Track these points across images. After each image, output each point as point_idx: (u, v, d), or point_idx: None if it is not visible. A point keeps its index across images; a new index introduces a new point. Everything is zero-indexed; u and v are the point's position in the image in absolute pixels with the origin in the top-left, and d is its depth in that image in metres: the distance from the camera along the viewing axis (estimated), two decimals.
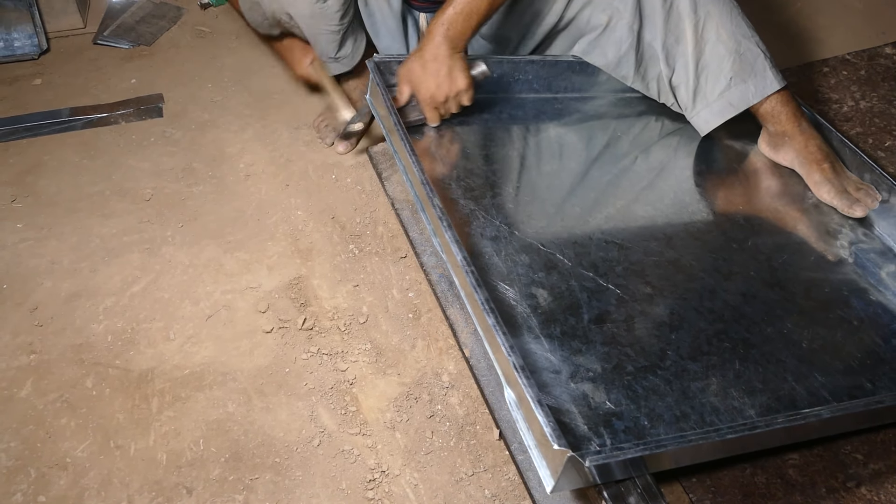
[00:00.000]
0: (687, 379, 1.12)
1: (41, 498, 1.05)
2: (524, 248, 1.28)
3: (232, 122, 1.69)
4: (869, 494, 1.09)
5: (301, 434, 1.15)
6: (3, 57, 1.81)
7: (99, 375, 1.20)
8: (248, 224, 1.46)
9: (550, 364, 1.11)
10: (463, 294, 1.12)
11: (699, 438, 0.95)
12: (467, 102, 1.45)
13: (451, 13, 1.35)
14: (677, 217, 1.41)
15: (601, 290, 1.23)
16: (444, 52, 1.36)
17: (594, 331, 1.17)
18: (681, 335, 1.19)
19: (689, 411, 1.08)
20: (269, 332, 1.27)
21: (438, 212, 1.16)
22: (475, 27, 1.37)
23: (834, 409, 1.04)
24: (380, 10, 1.55)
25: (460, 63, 1.39)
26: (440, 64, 1.37)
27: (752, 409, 1.10)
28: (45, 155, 1.57)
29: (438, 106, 1.43)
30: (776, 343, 1.21)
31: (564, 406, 1.05)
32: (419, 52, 1.38)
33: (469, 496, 1.09)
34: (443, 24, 1.35)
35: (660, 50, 1.47)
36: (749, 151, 1.59)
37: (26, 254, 1.37)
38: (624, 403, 1.07)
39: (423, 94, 1.41)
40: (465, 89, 1.42)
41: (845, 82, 1.92)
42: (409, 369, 1.24)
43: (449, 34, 1.35)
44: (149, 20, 1.98)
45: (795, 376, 1.16)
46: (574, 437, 1.02)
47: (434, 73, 1.38)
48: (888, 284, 1.36)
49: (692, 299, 1.25)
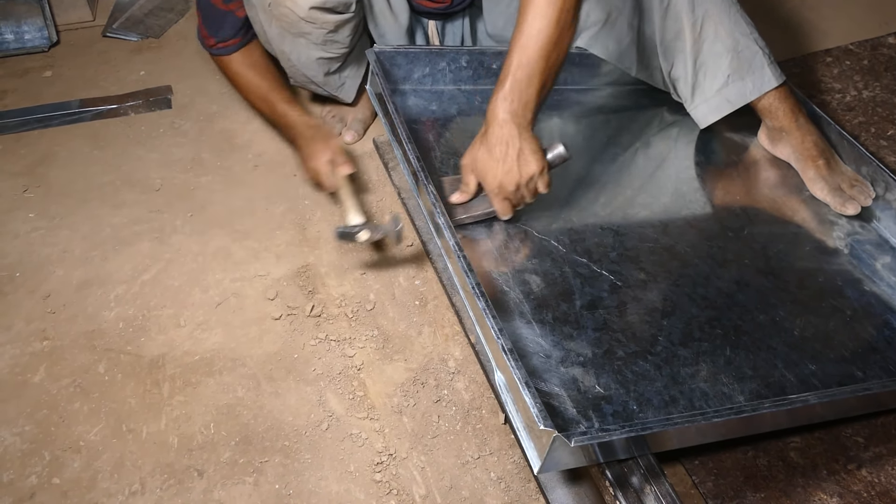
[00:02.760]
0: (677, 364, 1.14)
1: (55, 480, 1.08)
2: (519, 234, 1.29)
3: (240, 113, 1.70)
4: (869, 476, 1.11)
5: (310, 418, 1.16)
6: (14, 49, 1.83)
7: (111, 361, 1.22)
8: (257, 213, 1.48)
9: (541, 348, 1.12)
10: (455, 278, 1.14)
11: (684, 421, 0.97)
12: (543, 190, 1.25)
13: (510, 83, 1.17)
14: (674, 205, 1.42)
15: (594, 276, 1.25)
16: (511, 132, 1.18)
17: (586, 316, 1.18)
18: (673, 321, 1.20)
19: (678, 396, 1.09)
20: (277, 318, 1.29)
21: (432, 198, 1.18)
22: (538, 93, 1.19)
23: (821, 396, 1.05)
24: (384, 18, 1.54)
25: (531, 144, 1.20)
26: (508, 147, 1.19)
27: (742, 395, 1.11)
28: (55, 146, 1.59)
29: (510, 196, 1.24)
30: (768, 330, 1.22)
31: (554, 390, 1.07)
32: (483, 136, 1.22)
33: (475, 479, 1.11)
34: (504, 100, 1.18)
35: (658, 45, 1.48)
36: (748, 144, 1.60)
37: (38, 243, 1.39)
38: (613, 388, 1.09)
39: (490, 184, 1.23)
40: (540, 173, 1.22)
41: (848, 72, 1.93)
42: (415, 355, 1.26)
43: (513, 109, 1.18)
44: (157, 13, 2.00)
45: (786, 363, 1.17)
46: (563, 419, 1.04)
47: (501, 157, 1.19)
48: (883, 276, 1.37)
49: (685, 286, 1.26)
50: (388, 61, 1.51)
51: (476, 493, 1.10)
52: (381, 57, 1.48)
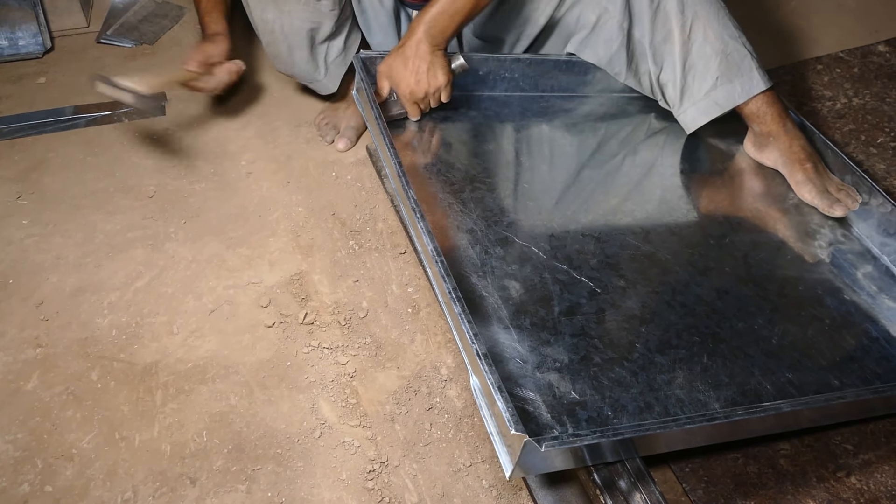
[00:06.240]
0: (653, 371, 1.14)
1: (48, 488, 1.08)
2: (500, 240, 1.30)
3: (233, 120, 1.71)
4: (859, 484, 1.11)
5: (302, 426, 1.17)
6: (8, 56, 1.83)
7: (104, 368, 1.22)
8: (250, 220, 1.48)
9: (518, 354, 1.13)
10: (434, 283, 1.15)
11: (656, 427, 0.98)
12: (446, 99, 1.48)
13: (434, 12, 1.37)
14: (657, 213, 1.43)
15: (574, 283, 1.25)
16: (424, 49, 1.39)
17: (564, 322, 1.19)
18: (651, 328, 1.20)
19: (653, 402, 1.10)
20: (270, 326, 1.30)
21: (412, 202, 1.19)
22: (458, 26, 1.40)
23: (794, 403, 1.06)
24: (372, 7, 1.57)
25: (440, 60, 1.42)
26: (420, 61, 1.40)
27: (717, 402, 1.11)
28: (49, 152, 1.59)
29: (418, 101, 1.46)
30: (746, 338, 1.22)
31: (529, 395, 1.07)
32: (400, 49, 1.41)
33: (467, 486, 1.12)
34: (425, 23, 1.38)
35: (648, 48, 1.49)
36: (734, 152, 1.61)
37: (32, 249, 1.39)
38: (589, 394, 1.09)
39: (402, 90, 1.45)
40: (444, 85, 1.45)
41: (839, 80, 1.94)
42: (408, 363, 1.26)
43: (431, 32, 1.38)
44: (151, 19, 2.00)
45: (763, 371, 1.17)
46: (537, 425, 1.04)
47: (414, 69, 1.41)
48: (863, 285, 1.37)
49: (665, 293, 1.27)
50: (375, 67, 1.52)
51: (468, 500, 1.10)
52: (367, 63, 1.49)
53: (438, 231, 1.29)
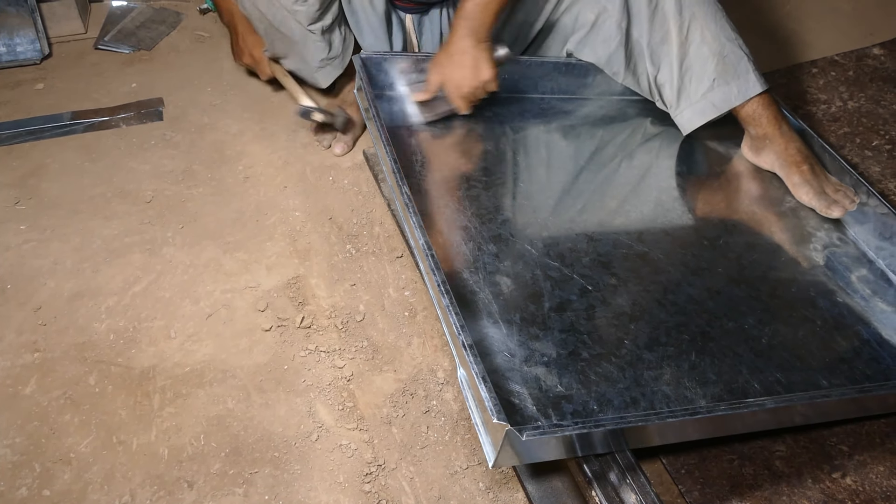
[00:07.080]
0: (641, 367, 1.14)
1: (46, 492, 1.08)
2: (493, 238, 1.31)
3: (231, 125, 1.72)
4: (854, 485, 1.12)
5: (299, 429, 1.17)
6: (6, 62, 1.84)
7: (101, 373, 1.22)
8: (247, 225, 1.49)
9: (506, 348, 1.13)
10: (425, 277, 1.15)
11: (638, 420, 0.98)
12: (494, 89, 1.49)
13: (470, 7, 1.39)
14: (652, 213, 1.43)
15: (565, 280, 1.26)
16: (468, 45, 1.41)
17: (554, 318, 1.19)
18: (640, 325, 1.21)
19: (639, 398, 1.10)
20: (267, 330, 1.30)
21: (406, 198, 1.20)
22: (494, 16, 1.41)
23: (778, 401, 1.06)
24: (363, 10, 1.58)
25: (484, 53, 1.43)
26: (466, 56, 1.42)
27: (704, 399, 1.11)
28: (47, 158, 1.60)
29: (467, 95, 1.48)
30: (735, 338, 1.22)
31: (515, 388, 1.08)
32: (446, 47, 1.44)
33: (464, 489, 1.12)
34: (464, 18, 1.40)
35: (645, 48, 1.50)
36: (731, 155, 1.61)
37: (30, 255, 1.40)
38: (575, 388, 1.09)
39: (450, 87, 1.47)
40: (491, 78, 1.46)
41: (834, 83, 1.95)
42: (404, 366, 1.27)
43: (471, 26, 1.40)
44: (149, 25, 2.01)
45: (751, 370, 1.17)
46: (521, 416, 1.04)
47: (460, 65, 1.43)
48: (857, 287, 1.37)
49: (656, 292, 1.27)
50: (375, 67, 1.53)
51: (464, 503, 1.10)
52: (367, 63, 1.50)
53: (431, 227, 1.30)
